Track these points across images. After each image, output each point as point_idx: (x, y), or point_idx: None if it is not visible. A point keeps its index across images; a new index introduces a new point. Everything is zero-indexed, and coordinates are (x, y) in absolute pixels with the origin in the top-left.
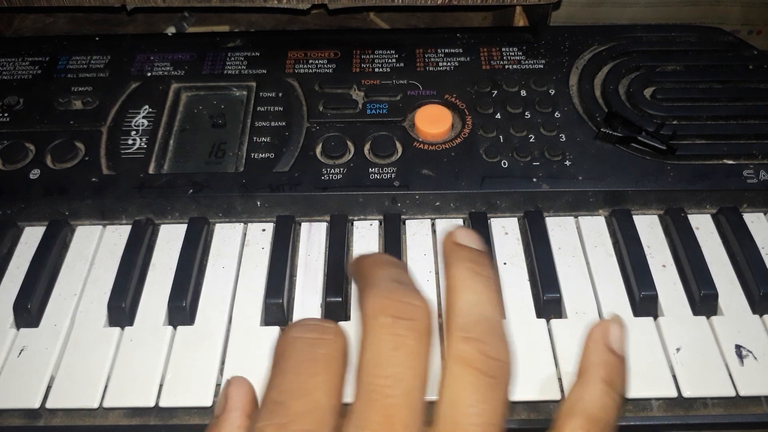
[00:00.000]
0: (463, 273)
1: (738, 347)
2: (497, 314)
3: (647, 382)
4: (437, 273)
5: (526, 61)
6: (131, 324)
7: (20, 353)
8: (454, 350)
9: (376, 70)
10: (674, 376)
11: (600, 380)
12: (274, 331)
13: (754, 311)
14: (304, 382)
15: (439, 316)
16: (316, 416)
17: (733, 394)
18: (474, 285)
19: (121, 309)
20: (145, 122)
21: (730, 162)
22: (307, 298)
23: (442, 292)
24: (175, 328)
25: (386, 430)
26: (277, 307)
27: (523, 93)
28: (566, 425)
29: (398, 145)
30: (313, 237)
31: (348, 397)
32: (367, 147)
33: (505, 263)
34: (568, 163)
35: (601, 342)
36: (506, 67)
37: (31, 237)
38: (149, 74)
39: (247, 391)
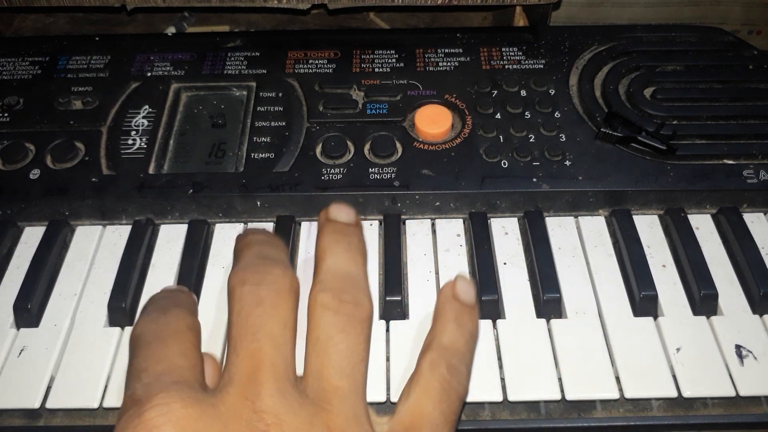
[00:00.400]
0: (327, 242)
1: (738, 347)
2: (356, 270)
3: (647, 382)
4: (437, 273)
5: (526, 61)
6: (131, 324)
7: (20, 353)
8: (314, 300)
9: (376, 70)
10: (674, 376)
11: (450, 320)
12: None
13: (754, 311)
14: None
15: None
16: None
17: (733, 394)
18: (335, 249)
19: (122, 309)
20: (145, 122)
21: (730, 162)
22: (307, 297)
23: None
24: None
25: (254, 369)
26: None
27: (523, 93)
28: (423, 359)
29: (398, 145)
30: (313, 237)
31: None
32: (367, 147)
33: (505, 263)
34: (568, 163)
35: (449, 293)
36: (506, 67)
37: (31, 237)
38: (149, 74)
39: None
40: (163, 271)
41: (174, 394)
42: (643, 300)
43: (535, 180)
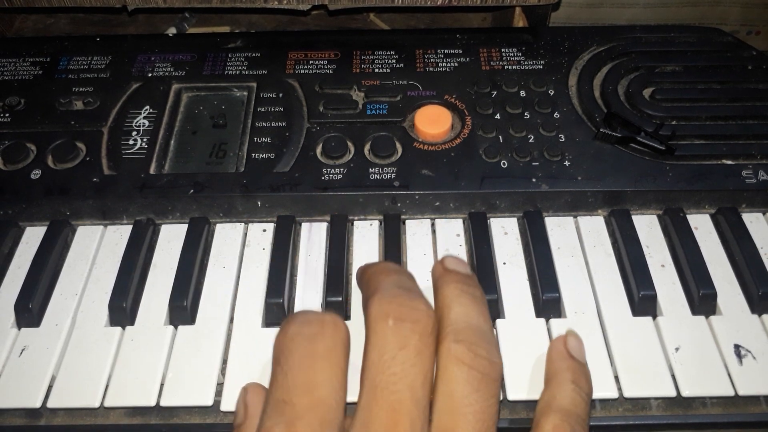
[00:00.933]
0: (452, 292)
1: (737, 347)
2: (485, 323)
3: (646, 382)
4: None
5: (526, 62)
6: (132, 324)
7: (21, 353)
8: (447, 351)
9: (376, 70)
10: (673, 376)
11: (568, 380)
12: (275, 330)
13: (753, 311)
14: (308, 378)
15: None
16: (322, 411)
17: (732, 393)
18: (462, 299)
19: (122, 309)
20: (146, 122)
21: (729, 162)
22: (308, 298)
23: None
24: (176, 327)
25: (392, 424)
26: (277, 307)
27: (523, 93)
28: (545, 422)
29: (398, 146)
30: (313, 237)
31: (352, 395)
32: (367, 147)
33: (504, 263)
34: (567, 163)
35: (563, 350)
36: (506, 67)
37: (33, 237)
38: (150, 75)
39: (264, 396)
40: (163, 271)
41: None
42: (642, 300)
43: (534, 180)
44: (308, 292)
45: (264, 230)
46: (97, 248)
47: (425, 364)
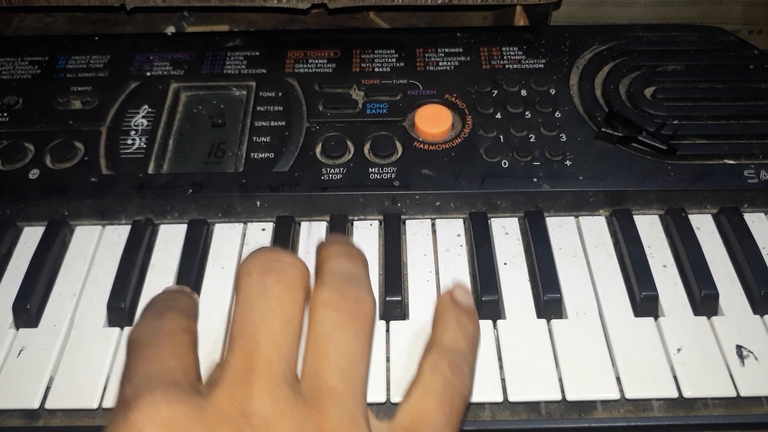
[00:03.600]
0: (330, 248)
1: (739, 347)
2: (357, 269)
3: (648, 383)
4: (437, 273)
5: (527, 61)
6: (131, 324)
7: (19, 353)
8: (315, 296)
9: (376, 69)
10: (675, 377)
11: (449, 322)
12: None
13: (755, 311)
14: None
15: None
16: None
17: (734, 394)
18: (335, 255)
19: (121, 309)
20: (145, 122)
21: (731, 162)
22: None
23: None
24: None
25: (248, 368)
26: None
27: (524, 93)
28: (424, 361)
29: (398, 145)
30: (312, 236)
31: None
32: (367, 147)
33: (505, 263)
34: (568, 162)
35: (448, 299)
36: (506, 66)
37: (31, 237)
38: (149, 74)
39: None
40: (162, 271)
41: (160, 395)
42: (644, 300)
43: (535, 180)
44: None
45: (263, 230)
46: (95, 248)
47: (287, 310)
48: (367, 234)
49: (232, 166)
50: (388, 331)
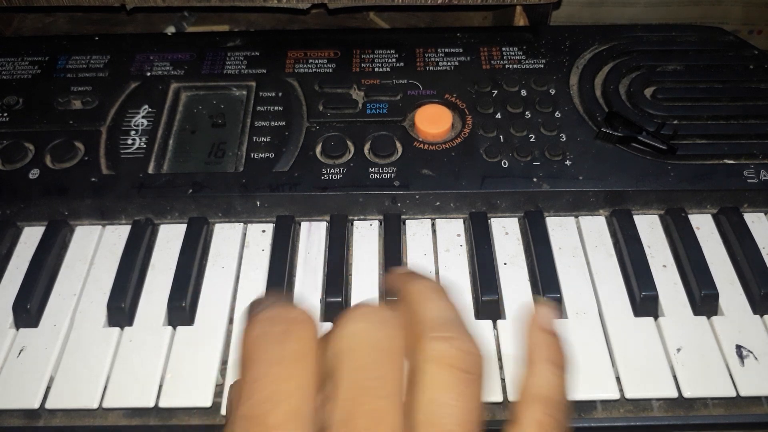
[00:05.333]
0: (421, 287)
1: (738, 347)
2: (458, 314)
3: (648, 383)
4: (437, 273)
5: (527, 61)
6: (131, 324)
7: (20, 353)
8: (428, 350)
9: (376, 69)
10: (675, 377)
11: (544, 361)
12: None
13: (755, 311)
14: (277, 388)
15: None
16: (295, 424)
17: (733, 394)
18: (433, 296)
19: (121, 309)
20: (145, 122)
21: (731, 162)
22: (307, 298)
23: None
24: (174, 328)
25: None
26: None
27: (524, 93)
28: (524, 415)
29: (398, 145)
30: (312, 236)
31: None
32: (367, 147)
33: (505, 263)
34: (568, 162)
35: (536, 329)
36: (506, 66)
37: (31, 237)
38: (149, 74)
39: None
40: (162, 271)
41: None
42: (644, 300)
43: (535, 180)
44: (307, 291)
45: (263, 230)
46: (95, 248)
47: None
48: (367, 234)
49: (232, 166)
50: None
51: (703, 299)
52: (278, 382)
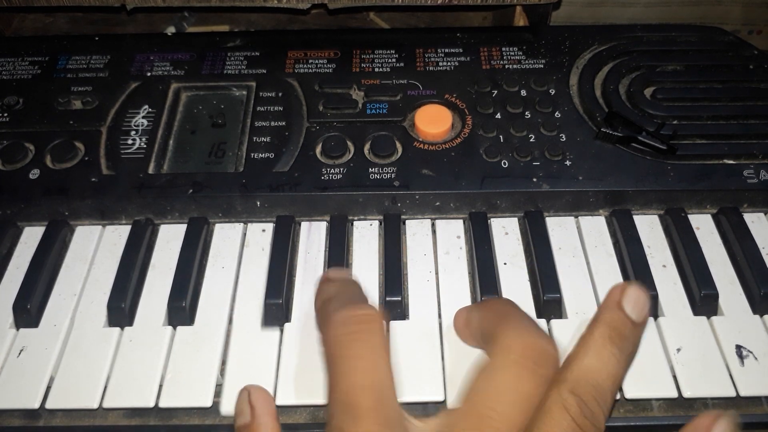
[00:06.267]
0: (599, 336)
1: (738, 347)
2: (609, 387)
3: (647, 383)
4: (437, 273)
5: (527, 61)
6: (131, 324)
7: (20, 353)
8: (561, 397)
9: (376, 69)
10: (674, 377)
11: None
12: (275, 331)
13: (755, 311)
14: (371, 378)
15: (439, 316)
16: (386, 409)
17: (733, 394)
18: (601, 352)
19: (121, 309)
20: (145, 122)
21: (731, 162)
22: (307, 298)
23: (442, 292)
24: (174, 328)
25: None
26: (277, 308)
27: (524, 93)
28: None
29: (398, 145)
30: (312, 236)
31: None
32: (367, 147)
33: (505, 263)
34: (568, 163)
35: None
36: (506, 66)
37: (31, 237)
38: (149, 74)
39: (268, 397)
40: (162, 271)
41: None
42: None
43: (535, 180)
44: (307, 291)
45: (263, 230)
46: (95, 248)
47: (528, 412)
48: (367, 234)
49: (232, 166)
50: (387, 331)
51: (703, 299)
52: (371, 373)
